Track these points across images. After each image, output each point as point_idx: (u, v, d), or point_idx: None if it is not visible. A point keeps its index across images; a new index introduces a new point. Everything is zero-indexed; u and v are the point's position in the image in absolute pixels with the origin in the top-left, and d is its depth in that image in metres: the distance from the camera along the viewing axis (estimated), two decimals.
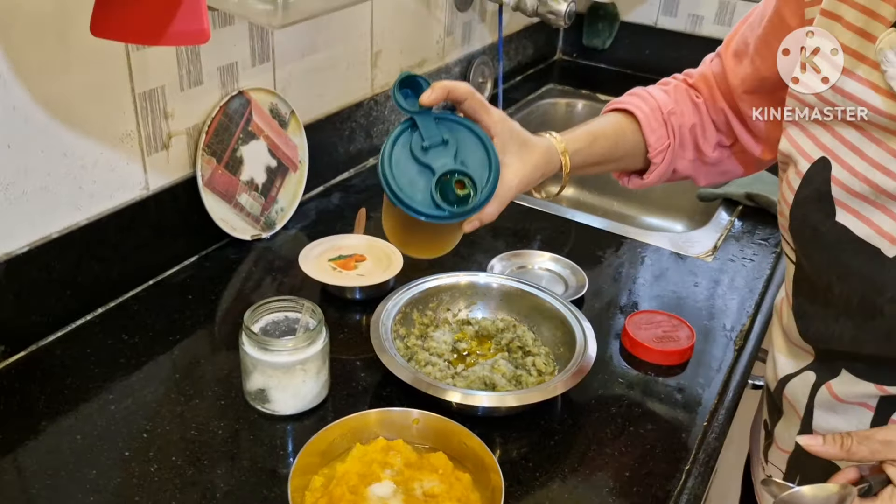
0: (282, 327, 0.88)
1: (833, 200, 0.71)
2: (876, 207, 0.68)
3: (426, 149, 0.70)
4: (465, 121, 0.74)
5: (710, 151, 0.93)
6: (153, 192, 1.03)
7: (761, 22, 0.83)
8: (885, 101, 0.65)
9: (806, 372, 0.82)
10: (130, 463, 0.79)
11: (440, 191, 0.70)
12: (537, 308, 0.99)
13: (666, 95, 0.92)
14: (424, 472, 0.75)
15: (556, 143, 0.83)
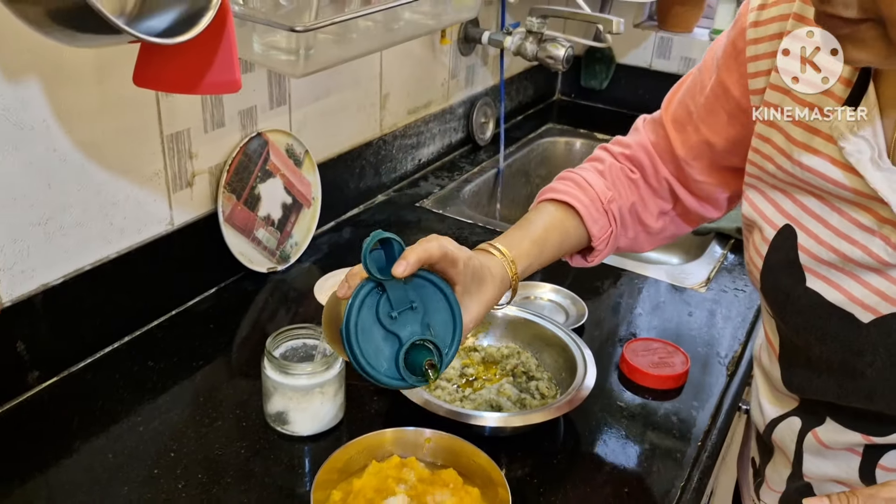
0: (300, 353, 0.94)
1: (802, 267, 0.73)
2: (845, 274, 0.70)
3: (393, 318, 0.67)
4: (432, 276, 0.70)
5: (654, 223, 0.92)
6: (177, 227, 1.10)
7: (703, 91, 0.83)
8: (845, 174, 0.68)
9: (791, 417, 0.84)
10: (159, 480, 0.85)
11: (406, 360, 0.68)
12: (540, 336, 1.05)
13: (602, 180, 0.89)
14: (436, 486, 0.80)
15: (508, 268, 0.79)
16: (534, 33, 1.57)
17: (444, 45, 1.58)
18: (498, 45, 1.63)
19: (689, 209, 0.92)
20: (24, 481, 0.83)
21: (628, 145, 0.92)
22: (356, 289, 0.66)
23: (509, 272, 0.79)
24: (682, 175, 0.89)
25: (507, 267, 0.79)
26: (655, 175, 0.90)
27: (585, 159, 0.95)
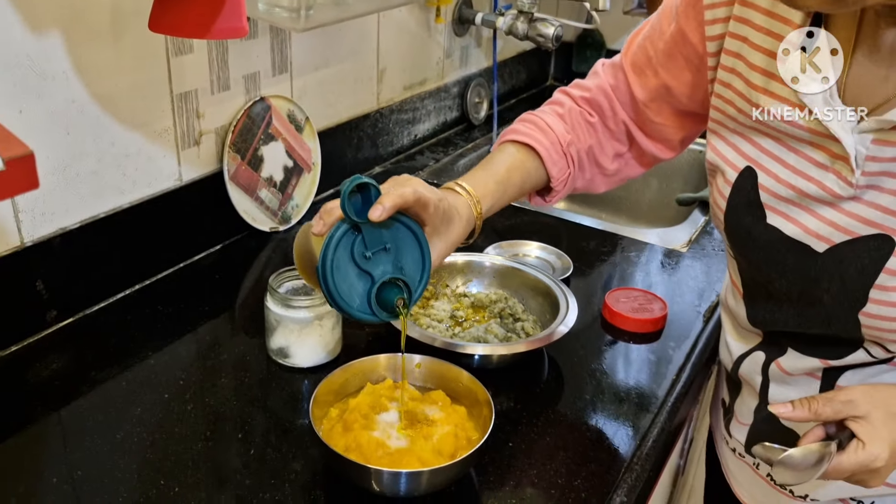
0: (300, 293, 1.00)
1: (762, 205, 0.78)
2: (801, 209, 0.76)
3: (367, 257, 0.72)
4: (405, 219, 0.75)
5: (610, 164, 0.97)
6: (185, 183, 1.17)
7: (662, 36, 0.87)
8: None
9: (756, 352, 0.90)
10: (170, 403, 0.91)
11: (377, 297, 0.74)
12: (526, 283, 1.12)
13: (562, 123, 0.94)
14: (426, 404, 0.87)
15: (473, 207, 0.85)
16: (524, 13, 1.64)
17: (439, 24, 1.65)
18: (490, 26, 1.70)
19: (644, 151, 0.97)
20: (47, 404, 0.90)
21: (588, 88, 0.96)
22: (333, 229, 0.71)
23: (474, 211, 0.85)
24: (639, 117, 0.94)
25: (472, 206, 0.85)
26: (613, 118, 0.95)
27: (545, 102, 1.00)
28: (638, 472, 0.85)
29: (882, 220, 0.71)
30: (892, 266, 0.71)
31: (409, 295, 0.75)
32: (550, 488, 0.82)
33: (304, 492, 0.80)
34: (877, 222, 0.71)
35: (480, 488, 0.82)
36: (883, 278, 0.71)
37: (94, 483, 0.79)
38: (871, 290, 0.72)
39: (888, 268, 0.71)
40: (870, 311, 0.73)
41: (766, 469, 0.94)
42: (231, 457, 0.84)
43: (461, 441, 0.82)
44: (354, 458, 0.78)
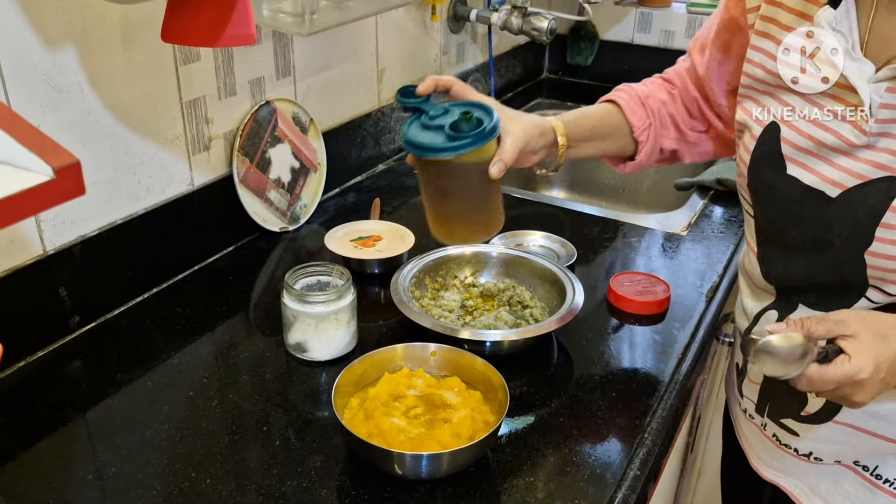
0: (315, 289, 1.04)
1: (783, 157, 0.84)
2: (818, 158, 0.82)
3: (433, 117, 0.87)
4: (458, 102, 0.91)
5: (689, 132, 1.06)
6: (197, 188, 1.20)
7: (716, 19, 0.97)
8: None
9: (769, 310, 0.96)
10: (195, 400, 0.95)
11: (455, 129, 0.85)
12: (533, 272, 1.15)
13: (643, 86, 1.06)
14: (443, 390, 0.90)
15: (545, 118, 0.97)
16: (518, 7, 1.67)
17: (435, 23, 1.68)
18: (485, 22, 1.73)
19: (720, 133, 1.05)
20: (75, 406, 0.93)
21: (667, 72, 1.08)
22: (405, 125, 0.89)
23: (548, 119, 0.96)
24: (706, 95, 1.03)
25: (544, 118, 0.96)
26: (687, 94, 1.05)
27: None
28: (649, 446, 0.89)
29: (892, 164, 0.76)
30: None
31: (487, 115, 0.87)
32: (566, 466, 0.86)
33: (329, 479, 0.84)
34: (887, 166, 0.76)
35: (498, 468, 0.86)
36: (889, 216, 0.76)
37: (128, 478, 0.83)
38: (877, 229, 0.77)
39: (894, 206, 0.76)
40: (875, 249, 0.78)
41: (773, 430, 0.98)
42: (257, 449, 0.87)
43: (478, 424, 0.86)
44: (377, 443, 0.82)
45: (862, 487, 0.93)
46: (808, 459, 0.96)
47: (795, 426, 0.95)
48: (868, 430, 0.89)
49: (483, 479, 0.84)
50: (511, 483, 0.83)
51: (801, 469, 0.98)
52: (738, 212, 1.46)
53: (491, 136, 0.86)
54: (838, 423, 0.90)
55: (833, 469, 0.95)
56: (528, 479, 0.84)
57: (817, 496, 0.97)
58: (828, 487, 0.96)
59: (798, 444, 0.96)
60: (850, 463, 0.93)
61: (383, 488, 0.82)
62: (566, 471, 0.85)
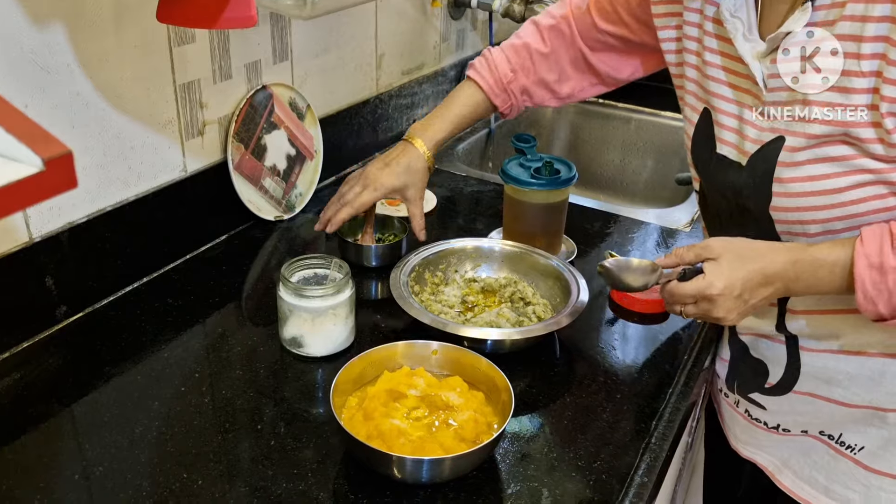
0: (312, 282, 1.00)
1: (715, 137, 0.90)
2: (737, 134, 0.87)
3: (530, 160, 1.18)
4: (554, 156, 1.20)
5: (562, 90, 1.17)
6: (190, 174, 1.16)
7: None
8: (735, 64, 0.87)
9: None
10: (187, 395, 0.91)
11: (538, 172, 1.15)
12: (535, 267, 1.12)
13: (508, 63, 1.14)
14: (445, 390, 0.87)
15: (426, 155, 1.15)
16: None
17: (436, 9, 1.64)
18: (486, 9, 1.69)
19: (600, 72, 1.14)
20: (62, 401, 0.90)
21: (554, 16, 1.14)
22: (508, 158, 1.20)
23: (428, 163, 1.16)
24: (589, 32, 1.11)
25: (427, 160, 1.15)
26: (572, 45, 1.13)
27: (518, 29, 1.19)
28: (656, 451, 0.86)
29: (779, 125, 0.83)
30: (782, 159, 0.82)
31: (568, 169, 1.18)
32: (571, 471, 0.83)
33: (326, 480, 0.81)
34: (777, 127, 0.83)
35: (502, 473, 0.83)
36: (779, 171, 0.83)
37: (116, 478, 0.79)
38: (772, 185, 0.83)
39: (780, 161, 0.82)
40: (776, 204, 0.84)
41: (745, 405, 1.03)
42: (251, 448, 0.84)
43: (482, 426, 0.83)
44: (376, 445, 0.79)
45: (827, 456, 0.97)
46: (778, 431, 1.00)
47: (762, 399, 1.00)
48: (824, 396, 0.93)
49: (486, 484, 0.81)
50: (515, 488, 0.81)
51: (773, 443, 1.02)
52: None
53: (562, 185, 1.16)
54: (797, 393, 0.95)
55: (802, 441, 0.98)
56: (533, 485, 0.81)
57: (788, 468, 1.01)
58: (798, 459, 1.00)
59: (766, 418, 1.01)
60: (816, 433, 0.97)
61: (382, 492, 0.80)
62: (572, 476, 0.83)
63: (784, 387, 0.96)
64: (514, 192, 1.18)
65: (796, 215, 0.84)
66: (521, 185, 1.15)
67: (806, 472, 0.98)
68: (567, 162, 1.19)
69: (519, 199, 1.17)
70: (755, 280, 0.82)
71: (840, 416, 0.93)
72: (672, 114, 1.86)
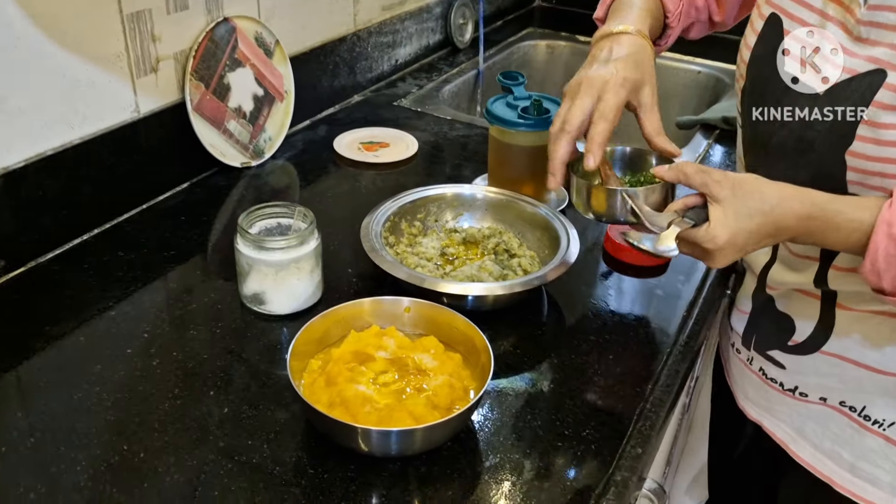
0: (275, 233, 0.91)
1: (783, 51, 0.78)
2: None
3: (518, 98, 1.07)
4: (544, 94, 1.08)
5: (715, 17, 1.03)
6: (143, 116, 1.06)
7: None
8: None
9: None
10: (133, 359, 0.82)
11: (525, 111, 1.04)
12: (522, 216, 1.03)
13: None
14: (417, 351, 0.78)
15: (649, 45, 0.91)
16: None
17: None
18: None
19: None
20: None
21: None
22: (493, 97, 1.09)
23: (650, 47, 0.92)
24: None
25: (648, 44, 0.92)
26: None
27: None
28: (651, 419, 0.78)
29: (884, 56, 0.70)
30: (880, 98, 0.70)
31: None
32: (557, 441, 0.75)
33: (284, 453, 0.72)
34: (877, 57, 0.71)
35: (481, 443, 0.75)
36: (870, 112, 0.71)
37: (47, 450, 0.71)
38: (859, 127, 0.72)
39: (876, 100, 0.70)
40: (856, 149, 0.73)
41: (760, 363, 0.93)
42: (201, 417, 0.76)
43: (457, 392, 0.74)
44: (339, 414, 0.70)
45: (850, 429, 0.86)
46: (794, 395, 0.90)
47: (782, 357, 0.90)
48: (855, 360, 0.84)
49: (462, 456, 0.73)
50: (494, 460, 0.73)
51: (786, 407, 0.92)
52: None
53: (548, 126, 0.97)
54: (825, 354, 0.86)
55: (819, 410, 0.89)
56: (514, 457, 0.73)
57: (804, 439, 0.91)
58: (814, 429, 0.90)
59: (784, 378, 0.91)
60: (835, 404, 0.87)
61: (345, 465, 0.71)
62: (557, 446, 0.74)
63: (810, 346, 0.86)
64: (499, 135, 1.07)
65: (881, 166, 0.71)
66: (507, 126, 1.05)
67: (827, 446, 0.88)
68: (558, 101, 1.08)
69: (505, 141, 1.07)
70: (762, 232, 0.74)
71: (870, 385, 0.83)
72: (673, 55, 1.75)
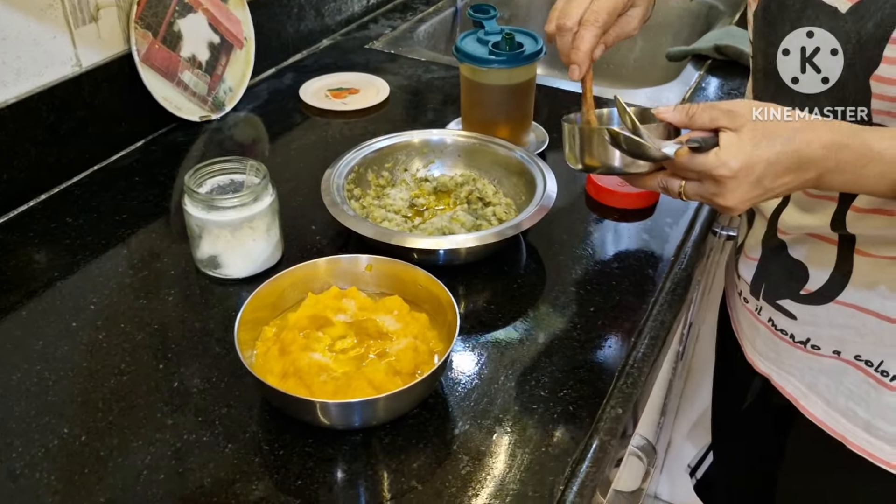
0: (228, 191, 0.84)
1: None
2: None
3: (489, 33, 0.99)
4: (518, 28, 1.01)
5: None
6: (86, 70, 0.98)
7: None
8: None
9: None
10: (78, 333, 0.77)
11: (496, 47, 0.97)
12: (496, 160, 0.96)
13: None
14: (380, 313, 0.72)
15: None
16: None
17: None
18: None
19: None
20: None
21: None
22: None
23: None
24: None
25: None
26: None
27: None
28: (634, 375, 0.72)
29: None
30: None
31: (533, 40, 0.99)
32: (533, 403, 0.69)
33: (238, 430, 0.67)
34: None
35: (451, 409, 0.69)
36: None
37: None
38: (885, 47, 0.65)
39: None
40: (883, 73, 0.66)
41: (769, 313, 0.86)
42: (149, 393, 0.70)
43: (422, 356, 0.68)
44: (292, 385, 0.65)
45: (866, 385, 0.80)
46: (805, 348, 0.83)
47: (793, 308, 0.82)
48: (874, 311, 0.76)
49: (429, 424, 0.68)
50: (464, 427, 0.67)
51: (797, 361, 0.85)
52: (739, 84, 1.26)
53: (526, 61, 0.97)
54: (840, 304, 0.78)
55: (832, 364, 0.82)
56: (486, 422, 0.67)
57: (817, 395, 0.84)
58: (827, 385, 0.83)
59: (795, 329, 0.83)
60: (850, 357, 0.80)
61: (303, 439, 0.66)
62: (532, 409, 0.69)
63: (825, 295, 0.79)
64: (470, 73, 1.00)
65: None
66: (478, 64, 0.97)
67: (841, 403, 0.82)
68: (532, 34, 1.00)
69: (477, 80, 0.99)
70: (784, 164, 0.63)
71: (889, 338, 0.76)
72: None
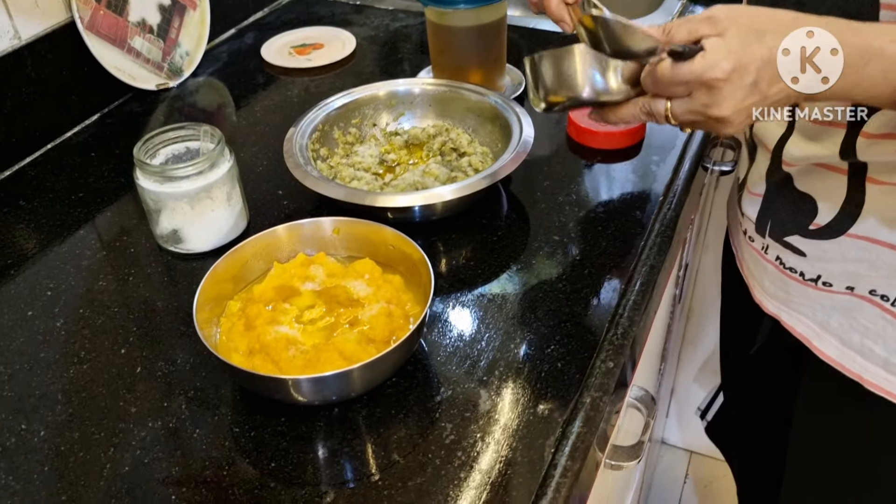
0: (185, 160, 0.79)
1: None
2: None
3: None
4: None
5: None
6: (26, 42, 0.92)
7: None
8: None
9: None
10: (34, 321, 0.72)
11: None
12: (469, 108, 0.90)
13: None
14: (350, 278, 0.68)
15: None
16: None
17: None
18: None
19: None
20: None
21: None
22: None
23: None
24: None
25: None
26: None
27: None
28: (626, 325, 0.68)
29: None
30: None
31: None
32: (517, 362, 0.65)
33: (205, 412, 0.63)
34: None
35: (431, 374, 0.65)
36: None
37: None
38: None
39: None
40: None
41: (776, 251, 0.80)
42: (111, 380, 0.66)
43: (397, 320, 0.64)
44: (259, 362, 0.61)
45: (882, 321, 0.75)
46: (816, 285, 0.78)
47: (802, 244, 0.78)
48: (888, 242, 0.71)
49: (410, 392, 0.63)
50: (446, 393, 0.63)
51: (807, 300, 0.80)
52: None
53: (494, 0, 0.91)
54: (853, 237, 0.74)
55: (845, 301, 0.77)
56: (469, 386, 0.63)
57: (830, 334, 0.79)
58: (840, 323, 0.78)
59: (804, 267, 0.79)
60: (864, 293, 0.75)
61: (275, 418, 0.62)
62: (517, 368, 0.64)
63: (836, 229, 0.75)
64: (436, 17, 0.94)
65: None
66: (443, 6, 0.91)
67: (856, 340, 0.77)
68: None
69: (443, 24, 0.93)
70: (777, 62, 0.58)
71: None
72: None
